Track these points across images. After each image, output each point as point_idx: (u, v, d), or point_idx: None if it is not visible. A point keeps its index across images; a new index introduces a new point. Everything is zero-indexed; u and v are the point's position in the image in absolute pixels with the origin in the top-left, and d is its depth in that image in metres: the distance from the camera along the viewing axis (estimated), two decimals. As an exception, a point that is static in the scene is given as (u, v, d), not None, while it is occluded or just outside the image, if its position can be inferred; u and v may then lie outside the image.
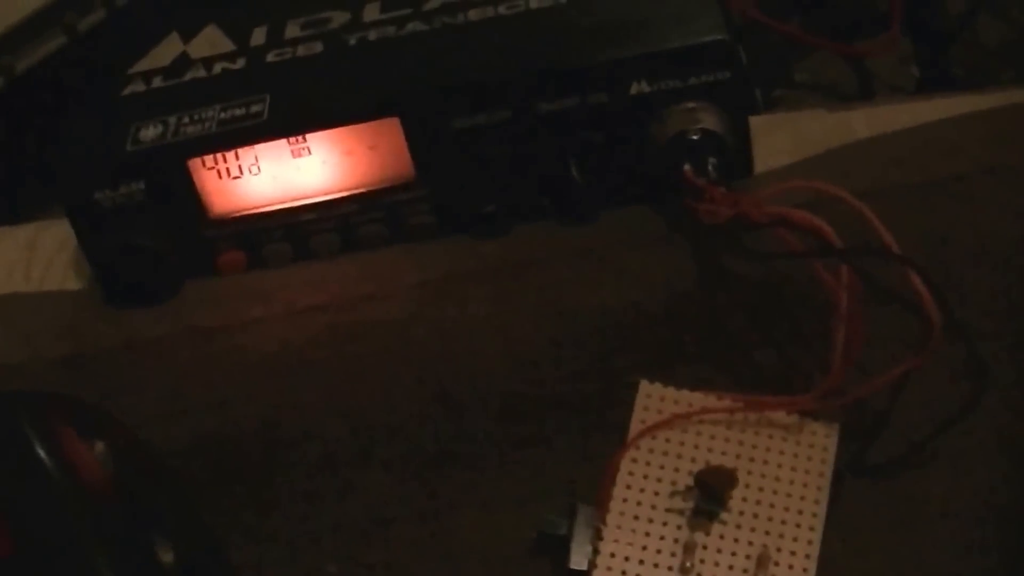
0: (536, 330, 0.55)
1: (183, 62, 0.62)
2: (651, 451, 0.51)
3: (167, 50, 0.63)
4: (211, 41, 0.63)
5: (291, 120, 0.56)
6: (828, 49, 0.73)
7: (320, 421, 0.54)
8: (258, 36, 0.62)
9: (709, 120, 0.55)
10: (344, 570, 0.51)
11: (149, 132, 0.57)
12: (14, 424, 0.46)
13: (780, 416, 0.51)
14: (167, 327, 0.58)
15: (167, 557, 0.45)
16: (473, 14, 0.60)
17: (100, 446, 0.47)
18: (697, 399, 0.52)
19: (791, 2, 0.75)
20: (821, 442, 0.51)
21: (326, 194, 0.58)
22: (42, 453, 0.45)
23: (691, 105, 0.55)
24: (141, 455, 0.51)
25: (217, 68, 0.61)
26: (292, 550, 0.51)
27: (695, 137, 0.54)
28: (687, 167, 0.54)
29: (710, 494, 0.49)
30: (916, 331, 0.50)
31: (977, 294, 0.54)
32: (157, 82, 0.61)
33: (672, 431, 0.51)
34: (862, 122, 0.61)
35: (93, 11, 0.70)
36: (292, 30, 0.62)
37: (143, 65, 0.63)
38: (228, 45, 0.63)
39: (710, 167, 0.54)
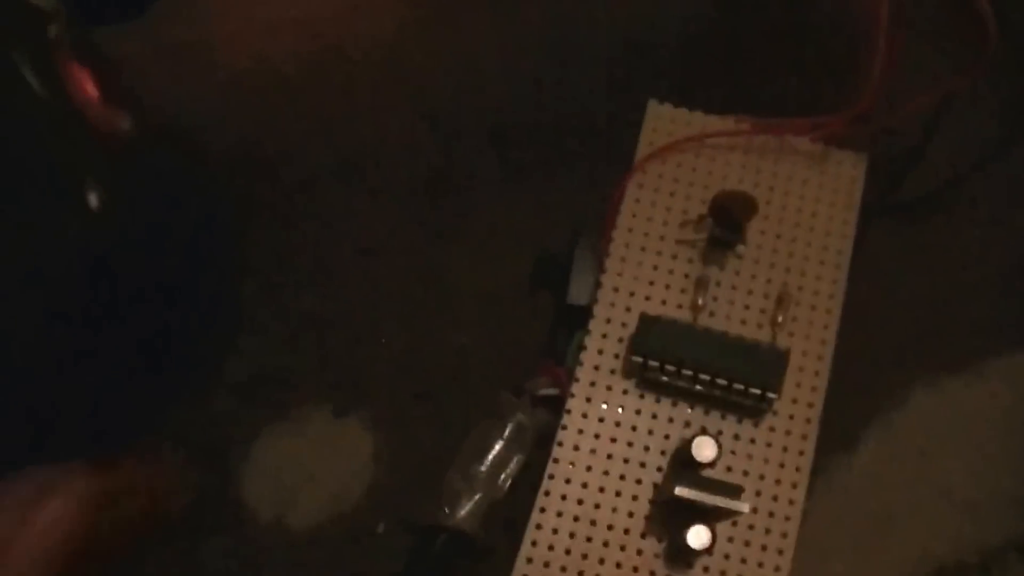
0: (539, 46, 0.49)
1: None
2: (660, 176, 0.46)
3: None
4: None
5: None
6: None
7: (301, 142, 0.49)
8: None
9: None
10: (321, 306, 0.47)
11: None
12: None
13: (803, 143, 0.46)
14: (135, 45, 0.53)
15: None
16: None
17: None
18: (712, 122, 0.47)
19: None
20: (848, 173, 0.46)
21: None
22: None
23: None
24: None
25: None
26: (266, 283, 0.47)
27: None
28: None
29: (727, 222, 0.44)
30: (962, 59, 0.45)
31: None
32: None
33: (684, 155, 0.46)
34: None
35: None
36: None
37: None
38: None
39: None
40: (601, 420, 0.43)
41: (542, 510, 0.42)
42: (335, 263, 0.47)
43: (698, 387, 0.43)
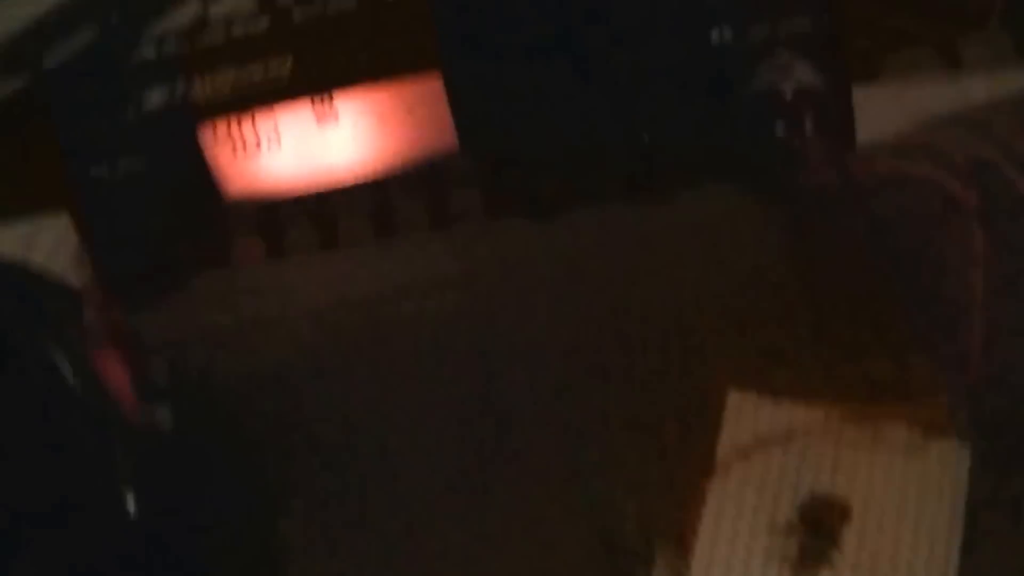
0: (603, 329, 0.46)
1: (200, 24, 0.55)
2: (744, 477, 0.42)
3: (184, 12, 0.56)
4: (233, 2, 0.56)
5: (316, 78, 0.49)
6: (923, 33, 0.63)
7: (342, 430, 0.47)
8: (284, -7, 0.55)
9: (805, 74, 0.46)
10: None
11: (155, 98, 0.49)
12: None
13: (899, 432, 0.43)
14: (175, 330, 0.50)
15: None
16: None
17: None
18: (799, 413, 0.43)
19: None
20: (951, 465, 0.42)
21: (357, 171, 0.50)
22: None
23: (783, 58, 0.46)
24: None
25: (237, 29, 0.53)
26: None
27: (789, 94, 0.46)
28: (782, 126, 0.45)
29: (818, 531, 0.40)
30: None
31: None
32: (169, 46, 0.54)
33: (769, 452, 0.42)
34: (981, 88, 0.52)
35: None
36: (323, -14, 0.54)
37: (157, 29, 0.55)
38: (251, 4, 0.55)
39: (807, 126, 0.45)
40: None
41: None
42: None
43: None
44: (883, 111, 0.49)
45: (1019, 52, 0.61)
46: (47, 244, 0.54)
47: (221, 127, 0.49)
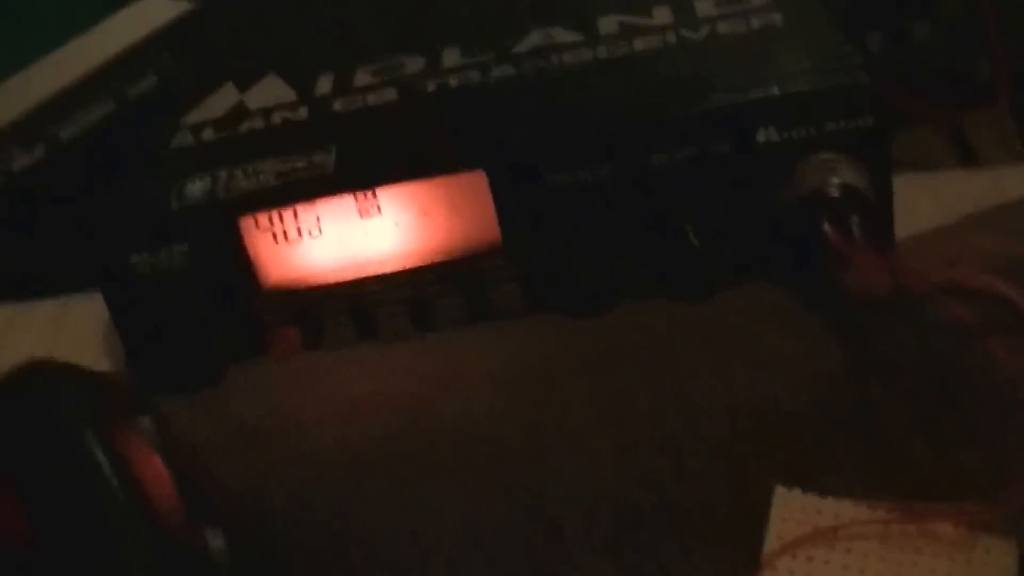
0: (647, 424, 0.46)
1: (238, 113, 0.56)
2: (791, 573, 0.42)
3: (221, 100, 0.57)
4: (271, 90, 0.57)
5: (360, 173, 0.49)
6: (928, 115, 0.63)
7: (384, 533, 0.45)
8: (324, 84, 0.56)
9: (849, 174, 0.47)
10: None
11: (196, 187, 0.50)
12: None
13: (947, 530, 0.42)
14: (207, 423, 0.50)
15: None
16: (569, 57, 0.53)
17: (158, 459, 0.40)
18: (845, 509, 0.43)
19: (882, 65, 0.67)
20: (999, 562, 0.42)
21: (398, 263, 0.50)
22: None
23: (827, 156, 0.47)
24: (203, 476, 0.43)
25: (277, 118, 0.54)
26: None
27: (835, 194, 0.46)
28: (828, 228, 0.45)
29: (870, 630, 0.40)
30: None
31: None
32: (208, 134, 0.54)
33: (816, 548, 0.42)
34: (1016, 180, 0.53)
35: (144, 77, 0.64)
36: (362, 77, 0.55)
37: (194, 117, 0.56)
38: (290, 95, 0.56)
39: (854, 228, 0.45)
40: None
41: None
42: None
43: None
44: (903, 205, 0.49)
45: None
46: (77, 325, 0.54)
47: (262, 217, 0.49)
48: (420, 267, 0.50)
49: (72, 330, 0.54)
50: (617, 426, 0.46)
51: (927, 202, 0.52)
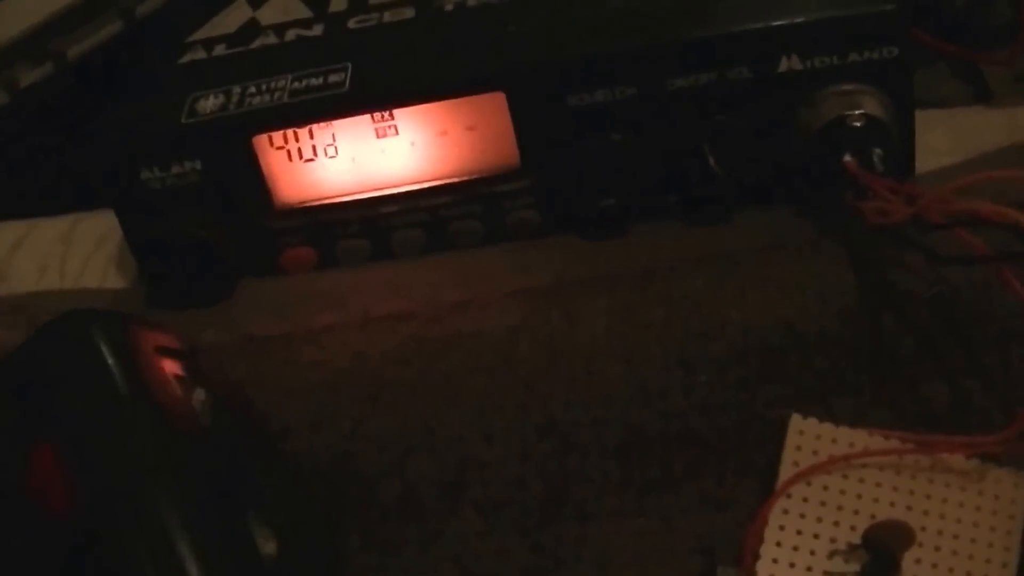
0: (663, 351, 0.48)
1: (251, 29, 0.56)
2: (805, 500, 0.44)
3: (234, 16, 0.58)
4: (284, 6, 0.57)
5: (377, 92, 0.50)
6: (948, 54, 0.64)
7: (401, 455, 0.47)
8: (338, 1, 0.56)
9: (872, 105, 0.48)
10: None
11: (208, 103, 0.50)
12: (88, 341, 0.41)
13: (958, 461, 0.44)
14: (219, 334, 0.51)
15: (268, 547, 0.39)
16: (592, -22, 0.53)
17: (201, 394, 0.41)
18: (859, 438, 0.45)
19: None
20: (1009, 493, 0.44)
21: (414, 182, 0.51)
22: (120, 380, 0.40)
23: (850, 87, 0.48)
24: (252, 423, 0.44)
25: (290, 35, 0.55)
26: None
27: (857, 124, 0.47)
28: (849, 158, 0.47)
29: (881, 555, 0.42)
30: None
31: None
32: (220, 50, 0.55)
33: (831, 476, 0.44)
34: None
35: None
36: (378, -7, 0.56)
37: (205, 32, 0.57)
38: (304, 11, 0.56)
39: (875, 159, 0.47)
40: None
41: None
42: None
43: None
44: (919, 141, 0.51)
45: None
46: (87, 241, 0.55)
47: (276, 135, 0.50)
48: (436, 187, 0.51)
49: (82, 247, 0.55)
50: (630, 345, 0.48)
51: (943, 138, 0.53)
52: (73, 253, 0.55)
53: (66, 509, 0.38)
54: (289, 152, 0.50)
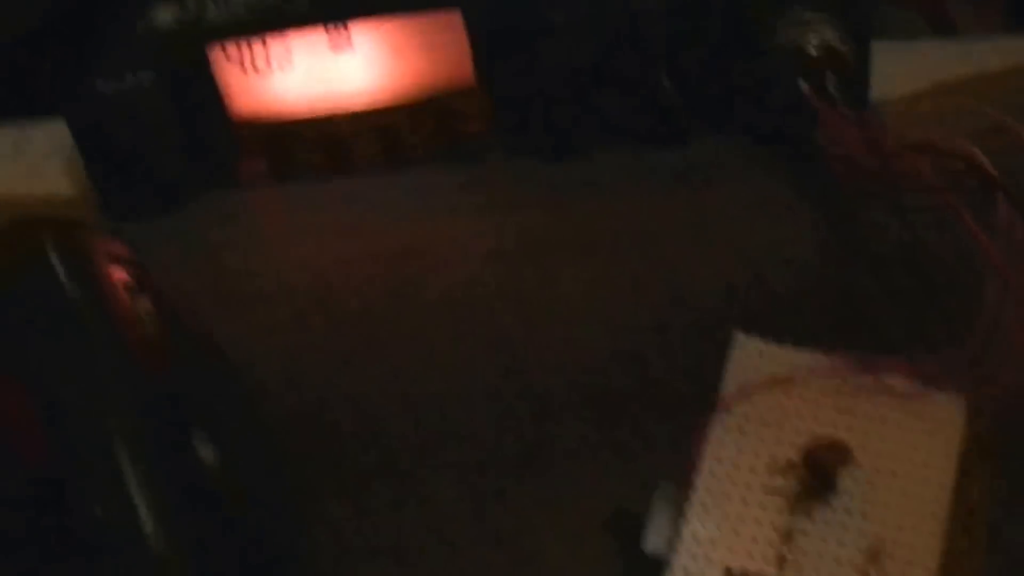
0: (633, 295, 0.49)
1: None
2: (746, 418, 0.45)
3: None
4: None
5: (332, 6, 0.51)
6: None
7: (366, 394, 0.48)
8: (297, -85, 0.57)
9: (829, 34, 0.49)
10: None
11: (164, 13, 0.51)
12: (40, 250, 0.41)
13: (900, 383, 0.46)
14: (171, 245, 0.52)
15: (207, 455, 0.39)
16: None
17: (147, 304, 0.41)
18: (802, 358, 0.46)
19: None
20: (947, 417, 0.45)
21: (370, 99, 0.52)
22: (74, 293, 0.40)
23: (808, 15, 0.49)
24: (198, 335, 0.45)
25: (248, -53, 0.55)
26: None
27: (813, 53, 0.48)
28: (804, 85, 0.48)
29: (820, 473, 0.43)
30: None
31: None
32: (177, -40, 0.55)
33: (772, 395, 0.45)
34: (992, 52, 0.55)
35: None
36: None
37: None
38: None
39: (830, 88, 0.48)
40: None
41: None
42: (410, 555, 0.45)
43: (785, 651, 0.42)
44: (877, 72, 0.52)
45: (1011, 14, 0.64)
46: (37, 151, 0.56)
47: (232, 46, 0.51)
48: (392, 104, 0.52)
49: (33, 156, 0.56)
50: (604, 304, 0.49)
51: (901, 70, 0.54)
52: (23, 162, 0.56)
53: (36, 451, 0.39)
54: (244, 64, 0.51)
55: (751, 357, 0.46)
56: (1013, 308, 0.43)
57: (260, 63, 0.51)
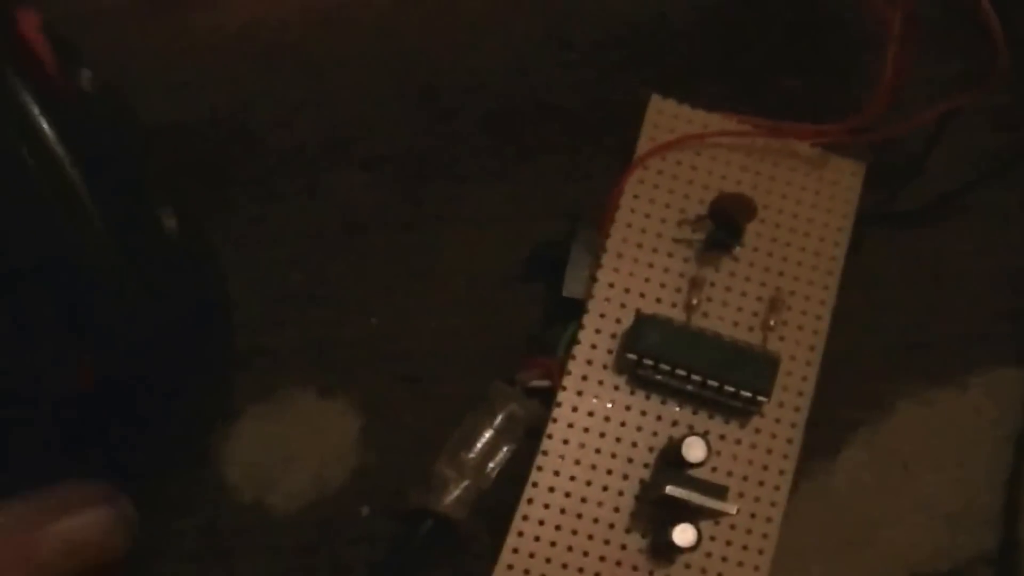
0: (540, 27, 0.53)
1: None
2: (660, 173, 0.49)
3: None
4: None
5: None
6: None
7: (288, 112, 0.51)
8: None
9: None
10: (307, 283, 0.50)
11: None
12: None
13: (804, 147, 0.50)
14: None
15: (170, 223, 0.41)
16: None
17: (88, 75, 0.42)
18: (714, 120, 0.50)
19: None
20: (846, 180, 0.50)
21: None
22: None
23: None
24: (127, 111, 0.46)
25: None
26: (248, 258, 0.50)
27: None
28: None
29: (725, 224, 0.48)
30: (965, 69, 0.50)
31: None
32: None
33: (684, 152, 0.50)
34: None
35: None
36: None
37: None
38: None
39: None
40: (591, 414, 0.47)
41: (529, 501, 0.46)
42: (322, 239, 0.50)
43: (689, 387, 0.47)
44: None
45: None
46: None
47: None
48: None
49: None
50: (509, 24, 0.53)
51: None
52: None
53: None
54: None
55: (665, 117, 0.50)
56: (900, 77, 0.47)
57: None
